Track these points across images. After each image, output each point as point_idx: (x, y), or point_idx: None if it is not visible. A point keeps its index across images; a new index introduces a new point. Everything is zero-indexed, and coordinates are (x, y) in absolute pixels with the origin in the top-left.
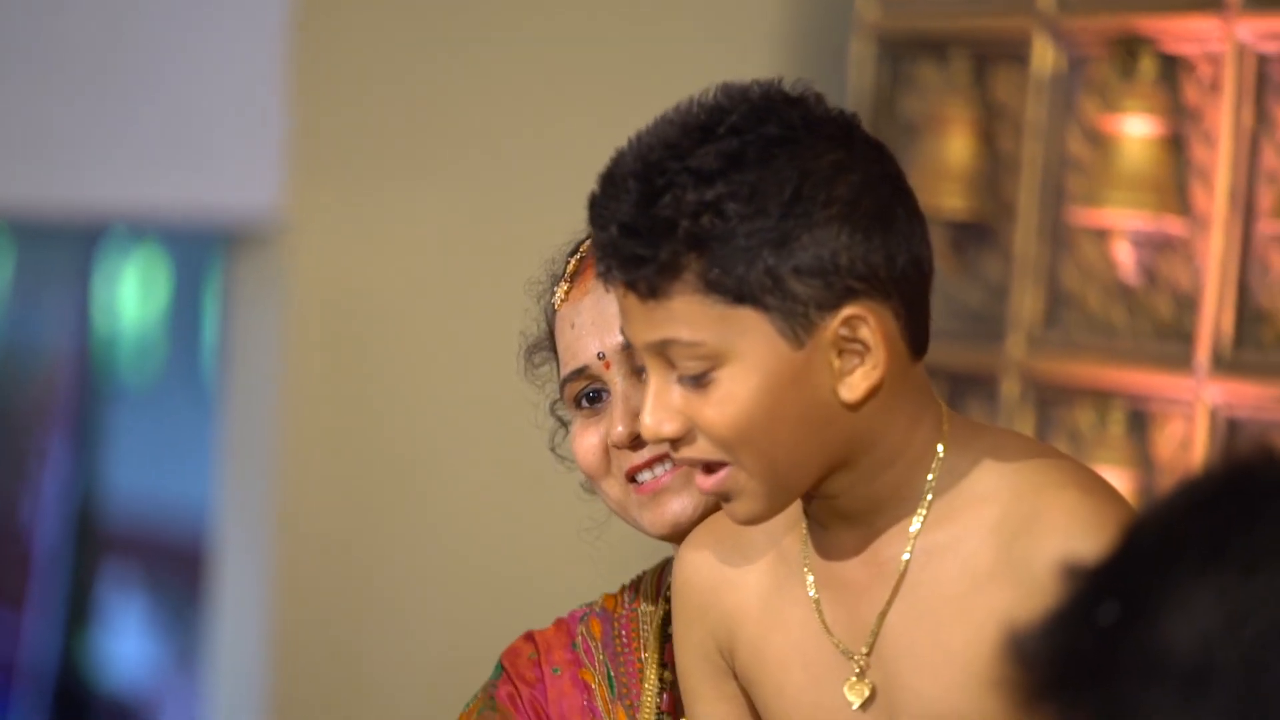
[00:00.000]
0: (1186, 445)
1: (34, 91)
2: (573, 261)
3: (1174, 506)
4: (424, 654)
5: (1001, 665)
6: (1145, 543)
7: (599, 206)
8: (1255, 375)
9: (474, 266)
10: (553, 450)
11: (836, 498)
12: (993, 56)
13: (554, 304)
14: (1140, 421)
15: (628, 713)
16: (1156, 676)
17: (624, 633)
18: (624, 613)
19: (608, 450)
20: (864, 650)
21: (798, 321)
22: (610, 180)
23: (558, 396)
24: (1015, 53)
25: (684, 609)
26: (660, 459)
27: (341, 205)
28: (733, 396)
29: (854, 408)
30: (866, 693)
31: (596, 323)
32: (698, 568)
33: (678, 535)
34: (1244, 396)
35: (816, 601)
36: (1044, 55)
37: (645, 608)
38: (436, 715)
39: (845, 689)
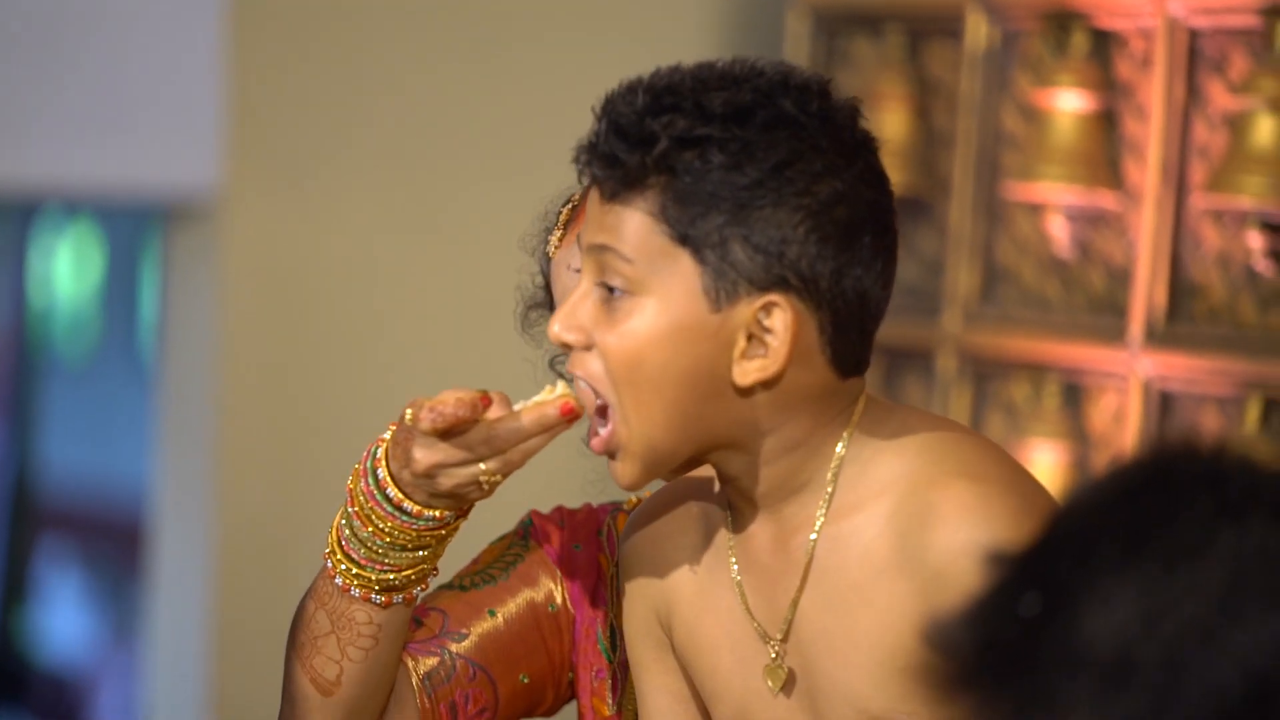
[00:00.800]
0: (1120, 418)
1: None
2: (565, 210)
3: (1097, 497)
4: None
5: (923, 654)
6: (1068, 533)
7: (608, 102)
8: (1188, 348)
9: (409, 241)
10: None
11: (737, 479)
12: (927, 32)
13: (548, 252)
14: (1075, 395)
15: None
16: (1076, 670)
17: None
18: None
19: None
20: (779, 636)
21: (724, 286)
22: (630, 86)
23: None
24: (949, 28)
25: (627, 582)
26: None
27: (277, 180)
28: (637, 329)
29: (741, 392)
30: (783, 676)
31: None
32: (638, 545)
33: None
34: (1177, 369)
35: (739, 585)
36: (977, 30)
37: None
38: None
39: (764, 672)
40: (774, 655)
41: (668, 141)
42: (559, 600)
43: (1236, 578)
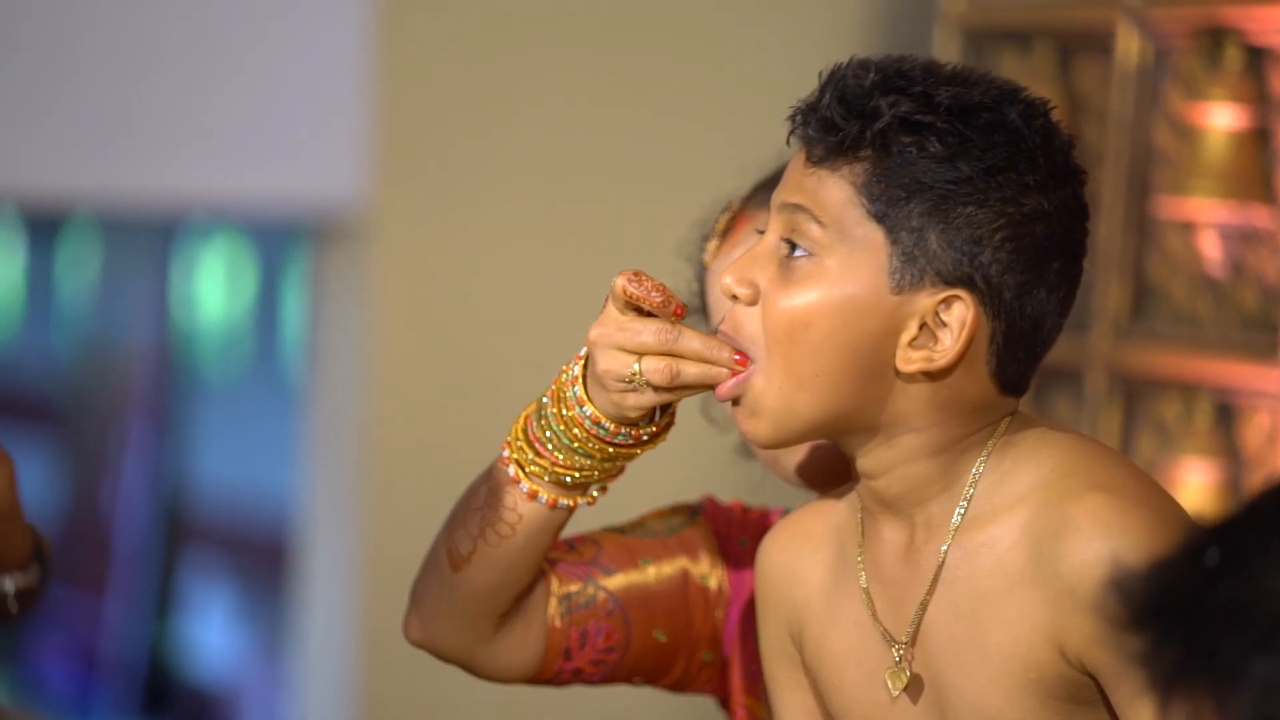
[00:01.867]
0: (1274, 436)
1: (118, 83)
2: (723, 218)
3: None
4: None
5: (1103, 597)
6: (1262, 505)
7: (835, 73)
8: None
9: (559, 260)
10: (704, 413)
11: (875, 475)
12: (1077, 47)
13: (704, 260)
14: (1227, 413)
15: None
16: (1244, 623)
17: None
18: None
19: None
20: (904, 640)
21: (911, 271)
22: (859, 62)
23: None
24: (1100, 44)
25: (762, 599)
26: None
27: (426, 196)
28: (813, 292)
29: (899, 378)
30: (905, 679)
31: None
32: (774, 560)
33: (806, 477)
34: None
35: (867, 592)
36: (1128, 46)
37: None
38: (527, 706)
39: (886, 676)
40: (898, 658)
41: (890, 118)
42: (715, 582)
43: None
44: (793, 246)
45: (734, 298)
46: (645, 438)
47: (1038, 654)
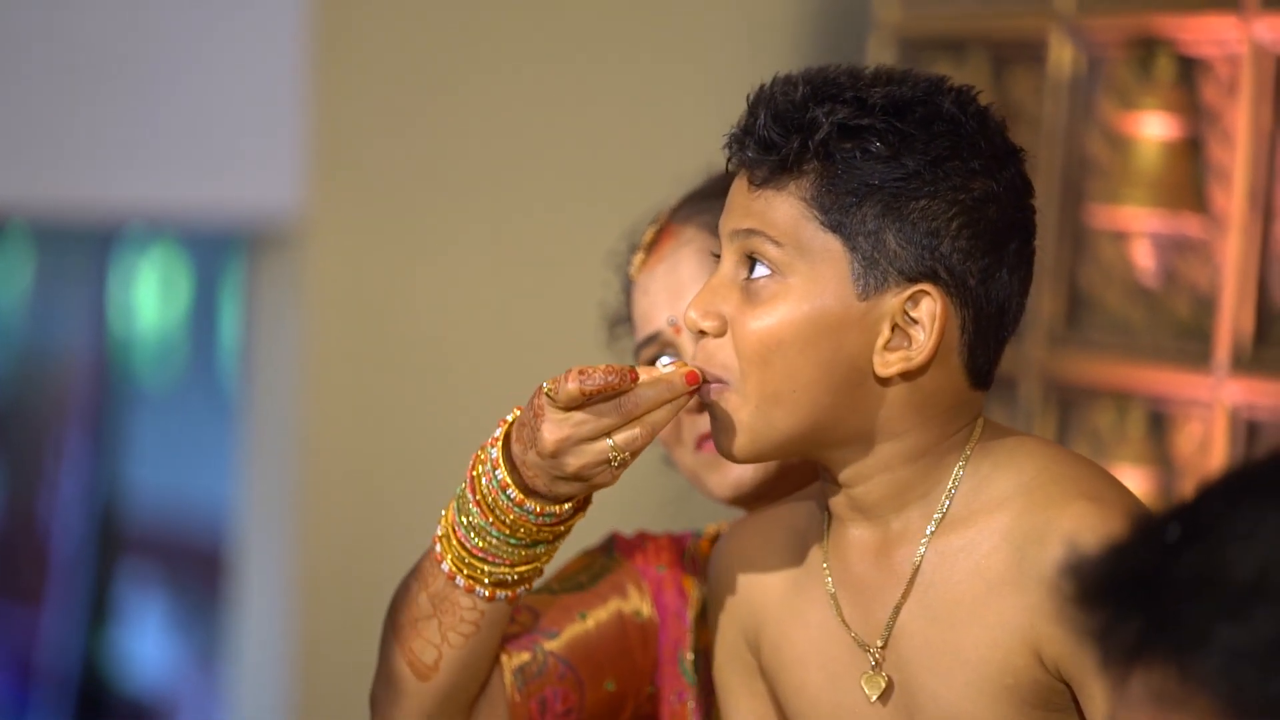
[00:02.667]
0: (1206, 445)
1: (53, 92)
2: (650, 231)
3: (1251, 460)
4: None
5: (1059, 578)
6: (1218, 483)
7: (762, 93)
8: (1275, 375)
9: (494, 267)
10: None
11: (856, 486)
12: (1010, 57)
13: (630, 274)
14: (1160, 422)
15: (711, 631)
16: (1208, 591)
17: None
18: None
19: (679, 418)
20: (879, 644)
21: (874, 275)
22: (785, 79)
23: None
24: (1033, 53)
25: (716, 603)
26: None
27: (362, 206)
28: (780, 311)
29: (879, 384)
30: (883, 684)
31: (668, 289)
32: (729, 563)
33: (740, 499)
34: (1263, 396)
35: (834, 597)
36: (1061, 56)
37: None
38: None
39: (862, 681)
40: (874, 663)
41: (829, 128)
42: (645, 613)
43: None
44: (752, 267)
45: (701, 333)
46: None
47: (1015, 659)
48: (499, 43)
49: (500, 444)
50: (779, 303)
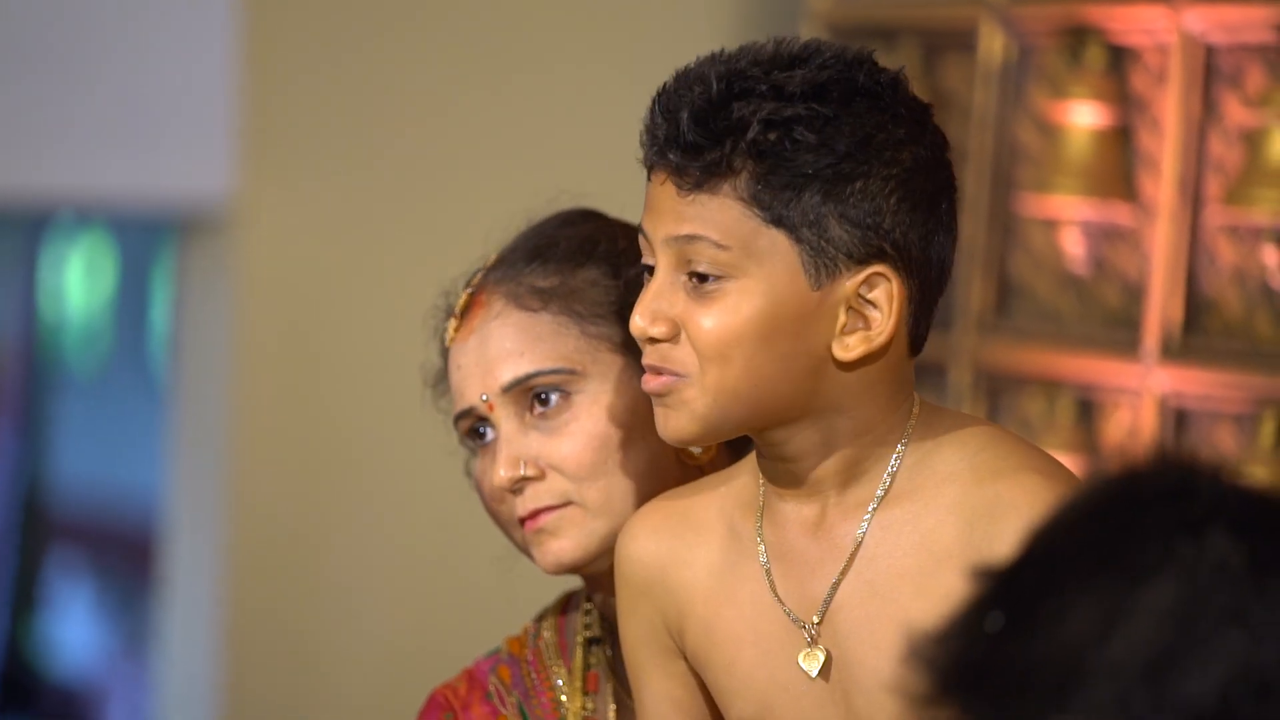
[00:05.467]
0: (1134, 433)
1: None
2: (465, 295)
3: (1070, 515)
4: (375, 642)
5: (906, 669)
6: (1039, 551)
7: (669, 94)
8: (1203, 363)
9: (424, 254)
10: (469, 474)
11: (798, 459)
12: (941, 45)
13: (444, 342)
14: (1089, 410)
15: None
16: (1029, 685)
17: (533, 672)
18: (528, 654)
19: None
20: (815, 620)
21: (824, 263)
22: (688, 76)
23: None
24: (963, 41)
25: (628, 588)
26: (542, 510)
27: (293, 192)
28: (735, 310)
29: (842, 367)
30: (821, 658)
31: (480, 364)
32: (644, 546)
33: (562, 572)
34: (1192, 385)
35: (768, 572)
36: (992, 44)
37: (549, 638)
38: (387, 702)
39: (800, 658)
40: (809, 638)
41: (757, 125)
42: None
43: (1193, 596)
44: (701, 277)
45: (651, 340)
46: None
47: None
48: (432, 29)
49: None
50: (733, 301)
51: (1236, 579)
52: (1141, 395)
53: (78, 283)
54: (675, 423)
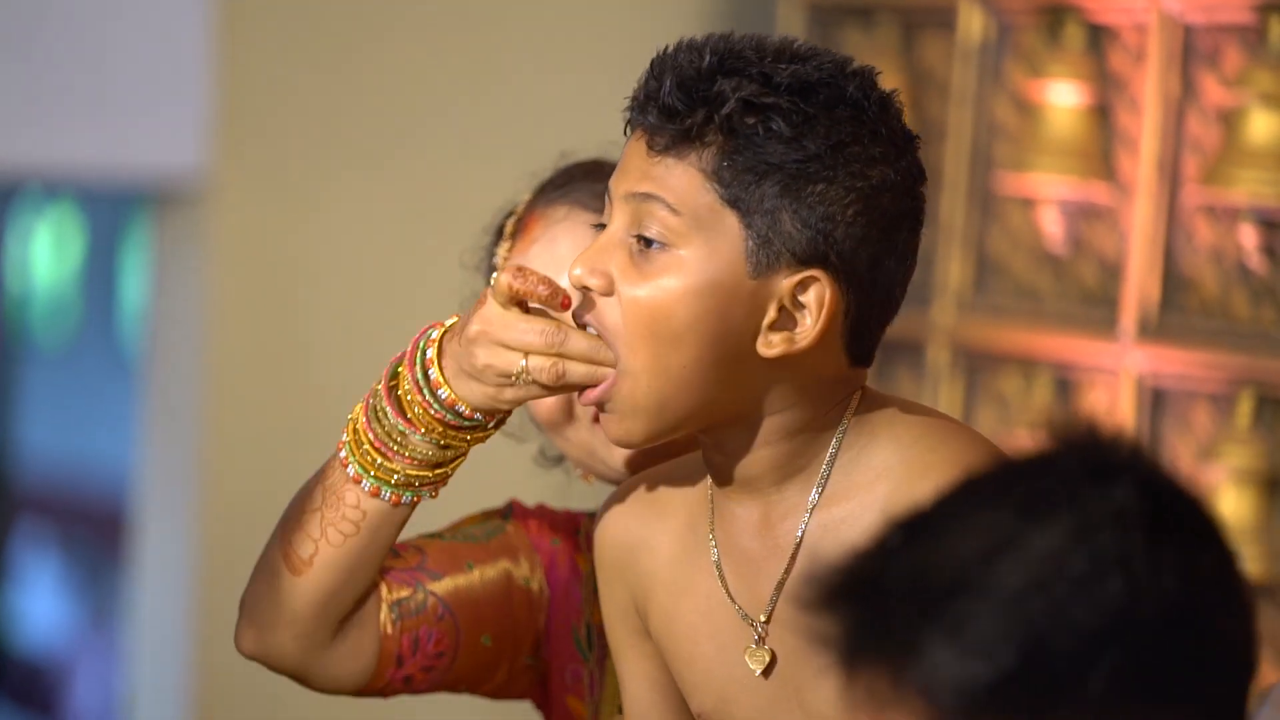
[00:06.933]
0: (1111, 411)
1: None
2: (510, 222)
3: (992, 465)
4: None
5: (795, 588)
6: (952, 490)
7: (665, 57)
8: (1179, 342)
9: (399, 229)
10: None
11: (730, 459)
12: (920, 23)
13: (495, 265)
14: (1066, 388)
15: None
16: (914, 594)
17: None
18: None
19: (569, 397)
20: (762, 618)
21: (767, 254)
22: (689, 45)
23: None
24: (942, 20)
25: (604, 567)
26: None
27: (266, 165)
28: (670, 283)
29: (759, 364)
30: (766, 659)
31: (548, 266)
32: (616, 527)
33: (641, 459)
34: (1168, 363)
35: (719, 569)
36: (971, 22)
37: None
38: None
39: (746, 656)
40: (758, 637)
41: (735, 103)
42: (536, 582)
43: (1083, 537)
44: (646, 241)
45: (585, 289)
46: (490, 424)
47: None
48: (407, 7)
49: (433, 340)
50: (671, 273)
51: (1130, 530)
52: (1118, 374)
53: (45, 255)
54: (622, 426)
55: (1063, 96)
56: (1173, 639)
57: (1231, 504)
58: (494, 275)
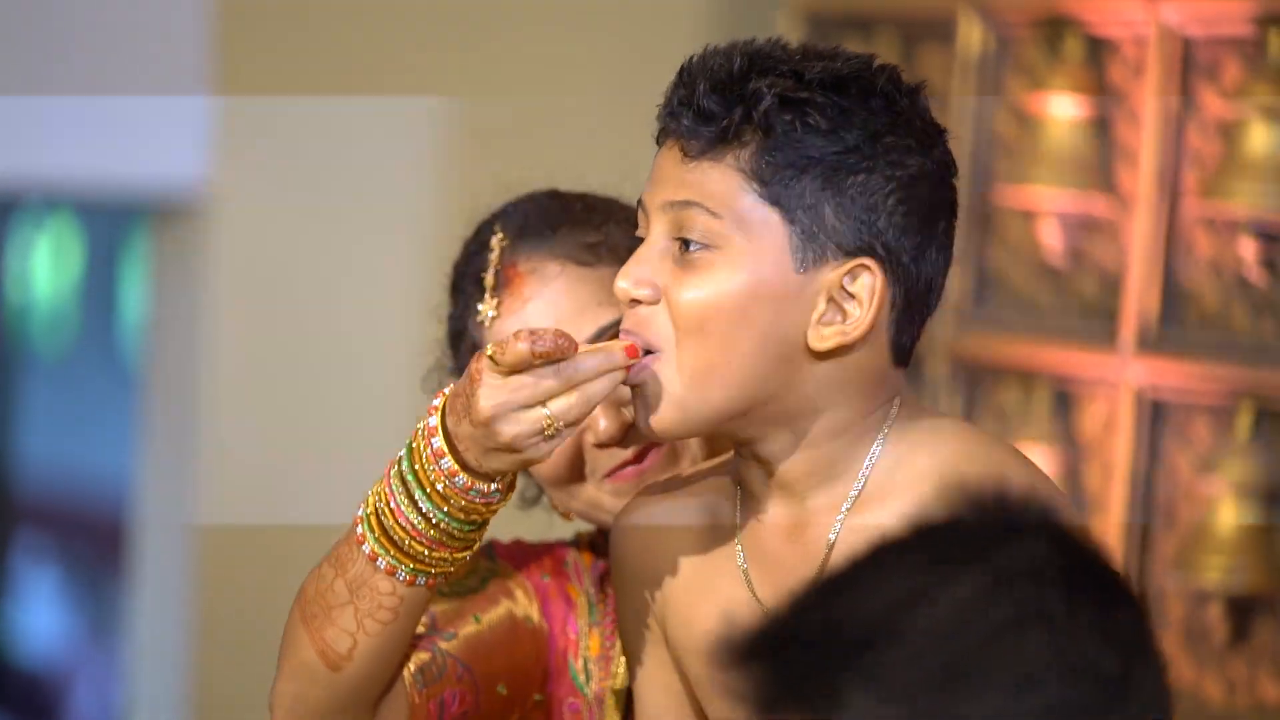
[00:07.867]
0: (1111, 424)
1: None
2: (488, 275)
3: (920, 523)
4: None
5: (714, 647)
6: (879, 544)
7: (694, 65)
8: (1179, 355)
9: (395, 241)
10: None
11: (771, 460)
12: (919, 35)
13: (483, 321)
14: (1065, 401)
15: (600, 638)
16: (829, 645)
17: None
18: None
19: (580, 453)
20: None
21: (812, 248)
22: (716, 51)
23: None
24: (941, 31)
25: (620, 574)
26: (642, 453)
27: (267, 179)
28: (717, 281)
29: (812, 358)
30: None
31: (563, 321)
32: (633, 535)
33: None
34: (1168, 376)
35: (745, 573)
36: (970, 34)
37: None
38: None
39: None
40: None
41: (772, 99)
42: (535, 619)
43: (997, 591)
44: (687, 244)
45: (634, 301)
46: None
47: None
48: (399, 21)
49: (439, 414)
50: (716, 272)
51: (1046, 584)
52: (1118, 387)
53: (45, 267)
54: (654, 413)
55: (1062, 109)
56: (1092, 690)
57: (1231, 516)
58: (486, 351)
